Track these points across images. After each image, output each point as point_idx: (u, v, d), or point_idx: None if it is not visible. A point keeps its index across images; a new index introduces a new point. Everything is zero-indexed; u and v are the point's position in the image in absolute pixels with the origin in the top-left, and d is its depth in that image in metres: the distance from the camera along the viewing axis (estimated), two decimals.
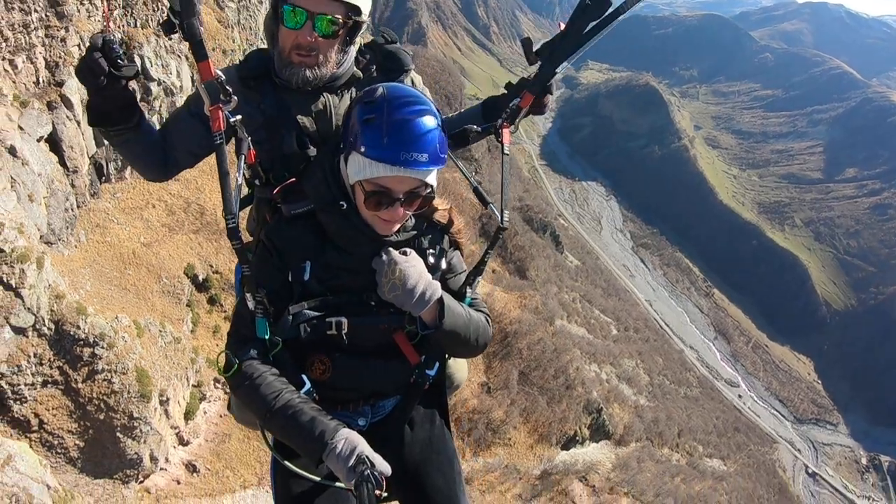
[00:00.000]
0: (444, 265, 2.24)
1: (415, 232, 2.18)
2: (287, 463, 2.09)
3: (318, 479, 2.07)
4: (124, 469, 15.02)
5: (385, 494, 1.85)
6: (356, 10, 2.14)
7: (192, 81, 18.65)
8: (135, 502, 13.05)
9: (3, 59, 13.38)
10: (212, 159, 2.09)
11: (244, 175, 2.21)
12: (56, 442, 14.61)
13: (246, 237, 2.06)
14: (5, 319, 11.57)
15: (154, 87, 17.95)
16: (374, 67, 2.40)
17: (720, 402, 79.04)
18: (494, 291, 39.56)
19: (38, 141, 13.99)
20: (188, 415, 15.84)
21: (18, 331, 12.00)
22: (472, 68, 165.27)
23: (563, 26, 2.19)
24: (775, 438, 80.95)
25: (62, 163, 15.14)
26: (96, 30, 15.43)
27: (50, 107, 14.48)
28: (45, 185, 13.92)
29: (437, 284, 2.09)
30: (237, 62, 2.35)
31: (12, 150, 12.50)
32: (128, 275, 15.96)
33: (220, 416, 16.95)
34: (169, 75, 18.39)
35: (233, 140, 2.12)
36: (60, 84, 14.66)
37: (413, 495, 2.26)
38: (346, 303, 2.11)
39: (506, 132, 2.33)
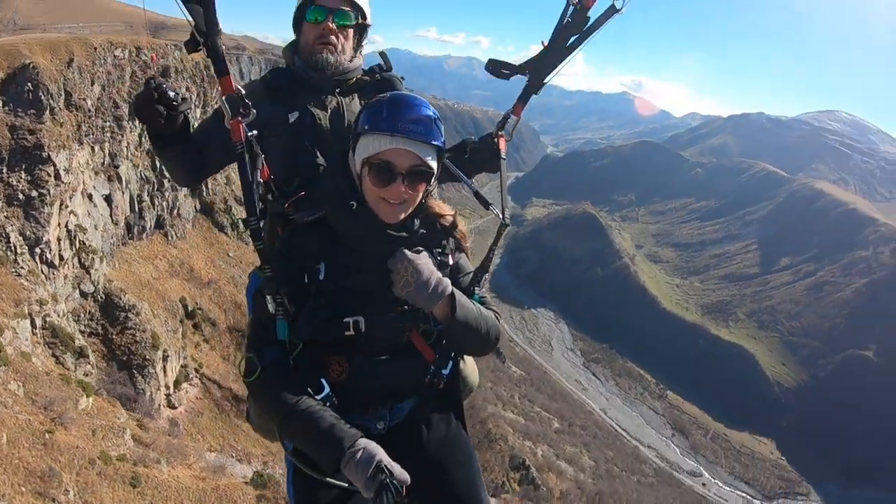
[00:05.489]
0: (451, 262, 2.42)
1: (424, 231, 2.36)
2: (308, 470, 2.13)
3: (343, 484, 2.07)
4: (131, 401, 21.40)
5: (406, 501, 1.98)
6: (362, 13, 2.81)
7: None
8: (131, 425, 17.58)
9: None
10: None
11: (259, 189, 2.43)
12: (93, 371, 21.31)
13: None
14: (78, 285, 22.42)
15: None
16: (378, 77, 2.90)
17: (678, 487, 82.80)
18: None
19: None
20: (176, 384, 26.03)
21: (84, 294, 22.90)
22: None
23: (545, 44, 2.74)
24: None
25: (110, 215, 27.12)
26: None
27: (109, 179, 27.33)
28: (101, 226, 25.69)
29: (448, 280, 2.24)
30: (259, 78, 2.89)
31: (90, 196, 25.09)
32: (143, 292, 27.93)
33: (196, 398, 27.44)
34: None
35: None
36: (116, 167, 27.30)
37: (435, 493, 2.36)
38: (361, 303, 2.24)
39: (501, 140, 2.88)
